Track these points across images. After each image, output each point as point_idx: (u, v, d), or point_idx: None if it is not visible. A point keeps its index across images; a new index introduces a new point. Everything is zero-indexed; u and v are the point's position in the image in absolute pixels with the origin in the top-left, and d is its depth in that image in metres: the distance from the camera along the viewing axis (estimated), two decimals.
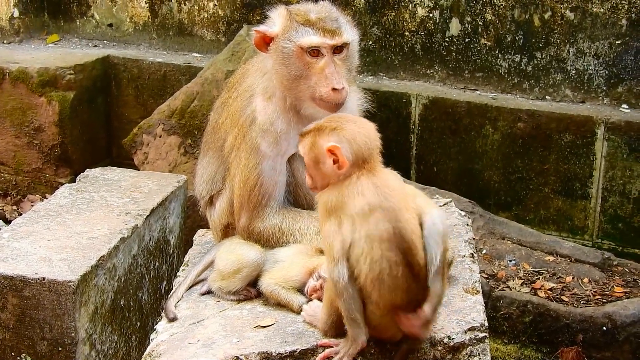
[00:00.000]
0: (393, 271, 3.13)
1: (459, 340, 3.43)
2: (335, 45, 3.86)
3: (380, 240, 3.13)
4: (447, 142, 6.73)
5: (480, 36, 6.82)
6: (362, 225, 3.15)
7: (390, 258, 3.13)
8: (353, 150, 3.27)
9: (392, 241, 3.14)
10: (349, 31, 3.95)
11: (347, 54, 3.92)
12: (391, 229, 3.15)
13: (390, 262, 3.13)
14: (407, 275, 3.15)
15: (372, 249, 3.13)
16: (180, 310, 3.82)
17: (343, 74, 3.88)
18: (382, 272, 3.13)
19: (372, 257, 3.13)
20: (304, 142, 3.35)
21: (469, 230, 4.43)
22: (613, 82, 6.52)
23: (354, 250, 3.15)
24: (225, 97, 4.28)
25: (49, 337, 3.97)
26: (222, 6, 7.58)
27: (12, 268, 3.99)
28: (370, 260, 3.13)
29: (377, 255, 3.13)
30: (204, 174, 4.31)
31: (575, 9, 6.53)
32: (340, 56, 3.90)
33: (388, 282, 3.14)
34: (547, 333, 5.16)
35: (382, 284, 3.14)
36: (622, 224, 6.35)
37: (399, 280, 3.14)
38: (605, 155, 6.30)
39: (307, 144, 3.33)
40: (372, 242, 3.13)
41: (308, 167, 3.35)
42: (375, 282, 3.14)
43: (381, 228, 3.14)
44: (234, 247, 3.91)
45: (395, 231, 3.15)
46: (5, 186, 7.37)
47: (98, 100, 7.54)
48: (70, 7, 8.16)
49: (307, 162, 3.34)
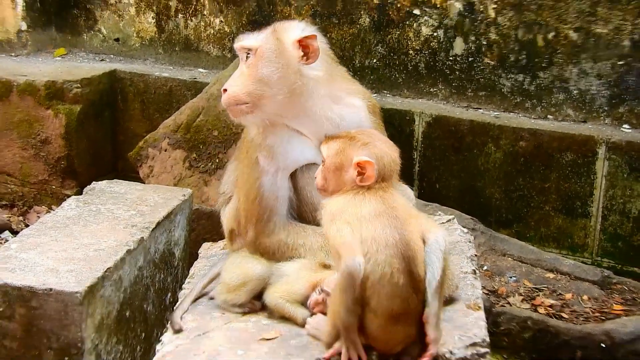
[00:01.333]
0: (394, 278, 3.16)
1: (460, 356, 3.44)
2: (239, 49, 3.88)
3: (386, 244, 3.18)
4: (450, 160, 6.76)
5: (484, 55, 6.86)
6: (369, 228, 3.21)
7: (393, 264, 3.16)
8: (379, 168, 3.37)
9: (397, 247, 3.19)
10: (258, 38, 3.88)
11: (252, 60, 3.85)
12: (397, 235, 3.20)
13: (393, 269, 3.16)
14: (408, 284, 3.18)
15: (377, 251, 3.17)
16: (186, 322, 3.82)
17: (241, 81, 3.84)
18: (383, 277, 3.16)
19: (376, 260, 3.17)
20: (330, 146, 3.45)
21: (471, 247, 4.46)
22: (615, 103, 6.56)
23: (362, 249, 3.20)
24: None
25: (56, 346, 3.98)
26: (228, 23, 7.62)
27: (20, 279, 4.00)
28: (373, 262, 3.16)
29: (381, 258, 3.17)
30: (231, 176, 4.32)
31: (579, 30, 6.57)
32: (247, 62, 3.87)
33: (387, 288, 3.16)
34: (546, 349, 5.17)
35: (382, 289, 3.17)
36: (621, 243, 6.37)
37: (399, 288, 3.17)
38: (605, 174, 6.33)
39: (334, 149, 3.43)
40: (378, 245, 3.18)
41: (326, 170, 3.44)
42: (376, 287, 3.17)
43: (387, 232, 3.20)
44: (239, 260, 3.93)
45: (401, 238, 3.20)
46: (12, 197, 7.40)
47: (104, 114, 7.58)
48: (77, 21, 8.21)
49: (328, 165, 3.44)
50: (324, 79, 3.91)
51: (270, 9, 7.42)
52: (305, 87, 3.84)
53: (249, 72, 3.84)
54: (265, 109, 3.84)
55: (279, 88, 3.81)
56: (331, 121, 3.89)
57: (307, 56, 3.84)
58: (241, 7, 7.55)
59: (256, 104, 3.83)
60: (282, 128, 3.93)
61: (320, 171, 3.52)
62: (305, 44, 3.84)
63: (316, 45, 3.84)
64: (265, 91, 3.81)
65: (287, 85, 3.81)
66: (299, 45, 3.84)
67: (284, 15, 7.30)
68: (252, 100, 3.82)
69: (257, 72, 3.82)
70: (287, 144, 3.91)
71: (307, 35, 3.84)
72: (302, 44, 3.84)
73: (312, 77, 3.86)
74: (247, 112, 3.85)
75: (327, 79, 3.93)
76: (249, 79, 3.83)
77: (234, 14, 7.58)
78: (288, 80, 3.81)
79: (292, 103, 3.85)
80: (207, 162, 6.54)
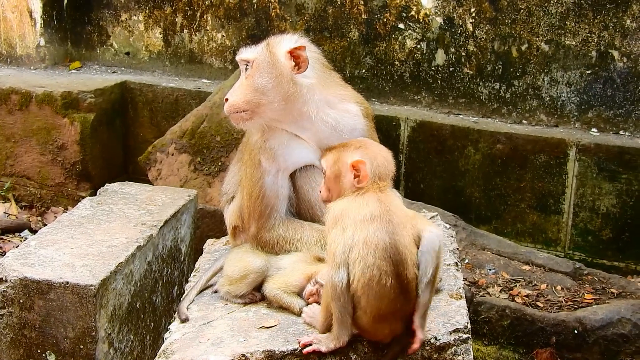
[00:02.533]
0: (382, 280, 3.14)
1: (444, 341, 3.44)
2: (240, 61, 3.89)
3: (375, 247, 3.15)
4: (433, 162, 6.75)
5: (463, 66, 6.85)
6: (362, 231, 3.18)
7: (381, 267, 3.14)
8: (373, 167, 3.34)
9: (386, 251, 3.15)
10: (255, 51, 3.89)
11: (250, 72, 3.86)
12: (387, 239, 3.17)
13: (381, 271, 3.14)
14: (395, 286, 3.16)
15: (367, 254, 3.14)
16: (191, 312, 3.82)
17: (240, 90, 3.84)
18: (372, 279, 3.14)
19: (365, 262, 3.14)
20: (327, 157, 3.43)
21: (453, 241, 4.45)
22: (584, 108, 6.56)
23: (352, 254, 3.17)
24: None
25: (72, 336, 3.97)
26: (229, 37, 7.61)
27: (38, 273, 3.99)
28: (363, 264, 3.14)
29: (370, 261, 3.14)
30: (234, 177, 4.31)
31: (550, 42, 6.57)
32: (245, 73, 3.88)
33: (376, 290, 3.15)
34: (523, 335, 5.16)
35: (371, 290, 3.15)
36: (591, 237, 6.37)
37: (386, 290, 3.15)
38: (576, 174, 6.32)
39: (330, 159, 3.41)
40: (368, 247, 3.15)
41: (328, 181, 3.42)
42: (365, 288, 3.15)
43: (378, 236, 3.17)
44: (241, 255, 3.92)
45: (391, 242, 3.17)
46: (31, 199, 7.38)
47: (116, 122, 7.56)
48: (91, 37, 8.19)
49: (328, 175, 3.41)
50: (317, 86, 3.90)
51: (268, 24, 7.40)
52: (298, 94, 3.83)
53: (247, 83, 3.84)
54: (263, 115, 3.83)
55: (274, 96, 3.81)
56: (327, 125, 3.88)
57: (299, 65, 3.83)
58: (241, 23, 7.53)
59: (254, 111, 3.82)
60: (282, 132, 3.93)
61: (322, 183, 3.50)
62: (296, 55, 3.83)
63: (305, 55, 3.84)
64: (262, 99, 3.80)
65: (281, 93, 3.81)
66: (290, 55, 3.84)
67: (280, 29, 7.29)
68: (250, 108, 3.81)
69: (254, 82, 3.83)
70: (287, 147, 3.91)
71: (297, 47, 3.84)
72: (293, 54, 3.84)
73: (305, 84, 3.85)
74: (246, 118, 3.85)
75: (320, 86, 3.92)
76: (247, 89, 3.83)
77: (235, 29, 7.57)
78: (282, 88, 3.81)
79: (288, 109, 3.84)
80: (210, 165, 6.52)
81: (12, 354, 4.03)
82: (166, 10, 7.80)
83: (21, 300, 3.97)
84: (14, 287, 3.96)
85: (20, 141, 7.32)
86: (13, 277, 3.97)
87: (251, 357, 3.38)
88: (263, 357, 3.38)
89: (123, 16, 8.01)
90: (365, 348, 3.40)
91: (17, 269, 4.01)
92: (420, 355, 3.42)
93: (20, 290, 3.96)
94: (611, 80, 6.45)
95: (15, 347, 4.02)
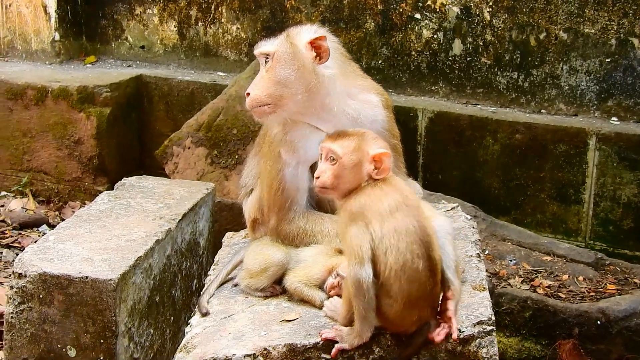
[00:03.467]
0: (414, 263, 3.12)
1: (468, 333, 3.40)
2: (259, 55, 3.83)
3: (406, 232, 3.13)
4: (451, 153, 6.71)
5: (481, 55, 6.80)
6: (390, 221, 3.14)
7: (414, 250, 3.12)
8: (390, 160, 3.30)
9: (416, 234, 3.15)
10: (274, 44, 3.82)
11: (270, 64, 3.79)
12: (416, 223, 3.16)
13: (413, 255, 3.12)
14: (426, 269, 3.15)
15: (399, 241, 3.11)
16: (212, 306, 3.80)
17: (262, 84, 3.77)
18: (405, 264, 3.11)
19: (398, 249, 3.11)
20: (343, 144, 3.29)
21: (475, 232, 4.40)
22: (603, 97, 6.49)
23: (382, 245, 3.13)
24: None
25: (92, 330, 3.95)
26: (244, 29, 7.58)
27: (58, 268, 3.98)
28: (396, 252, 3.11)
29: (402, 247, 3.11)
30: (252, 169, 4.27)
31: (568, 30, 6.50)
32: (266, 67, 3.81)
33: (408, 274, 3.12)
34: (545, 327, 5.12)
35: (404, 275, 3.12)
36: (612, 227, 6.31)
37: (418, 273, 3.13)
38: (596, 163, 6.27)
39: (350, 146, 3.29)
40: (399, 234, 3.12)
41: (341, 168, 3.27)
42: (399, 274, 3.12)
43: (407, 222, 3.15)
44: (261, 248, 3.90)
45: (419, 225, 3.17)
46: (48, 194, 7.38)
47: (132, 116, 7.55)
48: (106, 31, 8.18)
49: (344, 162, 3.27)
50: (338, 76, 3.86)
51: (283, 16, 7.36)
52: (321, 85, 3.79)
53: (269, 76, 3.78)
54: (286, 108, 3.78)
55: (297, 88, 3.76)
56: (348, 116, 3.84)
57: (320, 56, 3.79)
58: (256, 15, 7.50)
59: (277, 104, 3.77)
60: (302, 124, 3.89)
61: (329, 169, 3.30)
62: (317, 45, 3.79)
63: (327, 45, 3.79)
64: (285, 92, 3.75)
65: (304, 84, 3.76)
66: (311, 46, 3.79)
67: (295, 21, 7.25)
68: (273, 101, 3.76)
69: (275, 75, 3.77)
70: (307, 139, 3.87)
71: (317, 37, 3.79)
72: (314, 45, 3.79)
73: (327, 75, 3.81)
74: (269, 112, 3.80)
75: (341, 76, 3.88)
76: (269, 82, 3.77)
77: (250, 21, 7.53)
78: (305, 80, 3.76)
79: (311, 101, 3.79)
80: (227, 158, 6.50)
81: (33, 349, 4.02)
82: (181, 3, 7.77)
83: (41, 295, 3.96)
84: (34, 282, 3.95)
85: (37, 136, 7.32)
86: (32, 272, 3.96)
87: (273, 350, 3.36)
88: (285, 350, 3.36)
89: (137, 10, 7.99)
90: (388, 341, 3.36)
91: (37, 264, 4.00)
92: (444, 348, 3.38)
93: (40, 285, 3.95)
94: (631, 68, 6.38)
95: (35, 342, 4.01)
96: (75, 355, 3.99)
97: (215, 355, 3.36)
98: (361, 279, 3.12)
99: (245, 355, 3.35)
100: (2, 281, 5.76)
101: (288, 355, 3.37)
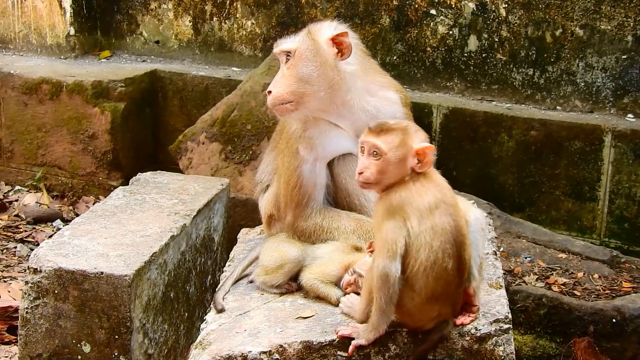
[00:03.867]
0: (445, 262, 3.13)
1: (485, 331, 3.40)
2: (279, 53, 3.82)
3: (442, 232, 3.14)
4: (466, 149, 6.68)
5: (496, 51, 6.77)
6: (429, 219, 3.14)
7: (445, 250, 3.14)
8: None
9: (452, 234, 3.16)
10: (295, 41, 3.83)
11: (292, 62, 3.79)
12: (452, 222, 3.17)
13: (445, 254, 3.13)
14: (454, 268, 3.17)
15: (434, 239, 3.12)
16: (227, 303, 3.80)
17: (284, 82, 3.78)
18: (436, 262, 3.13)
19: (431, 246, 3.12)
20: (388, 139, 3.23)
21: (491, 229, 4.40)
22: (619, 94, 6.45)
23: (416, 242, 3.13)
24: None
25: (107, 326, 3.95)
26: (259, 24, 7.56)
27: (73, 263, 3.98)
28: (429, 249, 3.12)
29: (436, 245, 3.13)
30: (268, 166, 4.27)
31: (584, 27, 6.47)
32: (287, 64, 3.81)
33: (437, 271, 3.13)
34: (560, 324, 5.09)
35: (432, 272, 3.13)
36: (627, 225, 6.27)
37: (447, 272, 3.15)
38: (612, 161, 6.23)
39: (394, 142, 3.23)
40: (435, 233, 3.13)
41: (386, 163, 3.21)
42: (427, 270, 3.13)
43: (444, 221, 3.16)
44: (277, 244, 3.89)
45: (455, 225, 3.18)
46: (63, 188, 7.38)
47: (146, 111, 7.54)
48: (120, 25, 8.18)
49: (390, 158, 3.21)
50: (359, 72, 3.86)
51: (298, 11, 7.35)
52: (343, 81, 3.78)
53: (290, 73, 3.78)
54: (309, 105, 3.78)
55: (319, 85, 3.75)
56: (367, 113, 3.84)
57: (341, 52, 3.79)
58: (271, 10, 7.48)
59: (299, 101, 3.77)
60: (321, 121, 3.88)
61: (373, 165, 3.23)
62: (339, 41, 3.78)
63: (348, 41, 3.79)
64: (307, 89, 3.75)
65: (326, 81, 3.76)
66: (333, 42, 3.78)
67: (310, 17, 7.23)
68: (295, 99, 3.76)
69: (297, 72, 3.78)
70: (325, 136, 3.87)
71: (339, 33, 3.79)
72: (336, 41, 3.79)
73: (348, 71, 3.80)
74: (292, 109, 3.79)
75: (362, 72, 3.89)
76: (291, 79, 3.77)
77: (264, 17, 7.52)
78: (327, 76, 3.76)
79: (333, 97, 3.79)
80: (241, 154, 6.49)
81: (48, 344, 4.02)
82: None
83: (56, 291, 3.96)
84: (49, 277, 3.96)
85: (51, 131, 7.33)
86: (48, 268, 3.96)
87: (289, 347, 3.35)
88: (301, 347, 3.36)
89: (152, 4, 7.98)
90: (404, 339, 3.36)
91: (52, 259, 4.00)
92: (461, 346, 3.38)
93: (55, 280, 3.96)
94: None
95: (50, 337, 4.01)
96: (90, 351, 3.99)
97: (231, 352, 3.36)
98: (390, 273, 3.12)
99: (261, 352, 3.35)
100: (17, 276, 5.78)
101: (304, 352, 3.36)
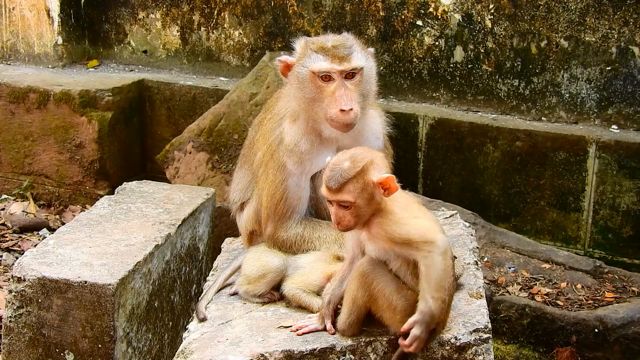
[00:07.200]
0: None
1: (464, 341, 3.41)
2: (345, 71, 3.80)
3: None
4: (452, 159, 6.71)
5: (482, 62, 6.81)
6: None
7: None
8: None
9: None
10: (361, 58, 3.87)
11: (360, 79, 3.84)
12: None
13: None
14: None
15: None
16: (210, 312, 3.81)
17: (354, 97, 3.79)
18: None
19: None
20: (350, 189, 3.25)
21: (473, 240, 4.42)
22: (604, 105, 6.50)
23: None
24: (262, 117, 4.29)
25: (90, 335, 3.96)
26: (246, 35, 7.59)
27: (57, 272, 3.99)
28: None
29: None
30: (239, 183, 4.31)
31: (569, 38, 6.51)
32: (353, 81, 3.82)
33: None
34: (543, 334, 5.13)
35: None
36: (612, 235, 6.31)
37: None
38: (596, 171, 6.27)
39: (357, 189, 3.25)
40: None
41: (358, 209, 3.26)
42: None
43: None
44: (259, 254, 3.91)
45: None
46: (49, 197, 7.39)
47: (134, 120, 7.56)
48: (108, 35, 8.20)
49: (359, 204, 3.25)
50: None
51: (285, 22, 7.38)
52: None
53: (356, 89, 3.85)
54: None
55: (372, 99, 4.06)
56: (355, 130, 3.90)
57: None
58: (258, 20, 7.51)
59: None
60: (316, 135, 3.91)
61: (347, 214, 3.27)
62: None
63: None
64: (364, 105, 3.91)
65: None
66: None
67: (297, 27, 7.26)
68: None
69: (362, 89, 3.88)
70: (317, 151, 3.89)
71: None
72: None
73: None
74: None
75: None
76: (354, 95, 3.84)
77: (252, 27, 7.55)
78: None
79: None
80: (228, 164, 6.51)
81: (31, 353, 4.03)
82: (183, 8, 7.79)
83: (39, 300, 3.97)
84: (33, 286, 3.97)
85: (39, 140, 7.33)
86: (31, 277, 3.97)
87: (270, 357, 3.37)
88: (282, 357, 3.37)
89: (140, 14, 8.01)
90: (384, 348, 3.38)
91: (36, 268, 4.01)
92: (441, 355, 3.40)
93: (39, 289, 3.97)
94: (631, 76, 6.38)
95: (33, 346, 4.02)
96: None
97: None
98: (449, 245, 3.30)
99: None
100: (2, 285, 5.78)
101: None
